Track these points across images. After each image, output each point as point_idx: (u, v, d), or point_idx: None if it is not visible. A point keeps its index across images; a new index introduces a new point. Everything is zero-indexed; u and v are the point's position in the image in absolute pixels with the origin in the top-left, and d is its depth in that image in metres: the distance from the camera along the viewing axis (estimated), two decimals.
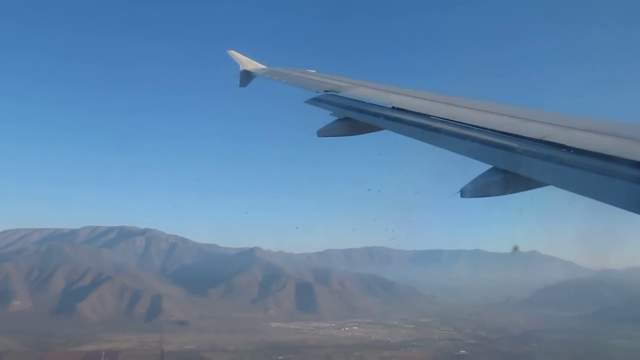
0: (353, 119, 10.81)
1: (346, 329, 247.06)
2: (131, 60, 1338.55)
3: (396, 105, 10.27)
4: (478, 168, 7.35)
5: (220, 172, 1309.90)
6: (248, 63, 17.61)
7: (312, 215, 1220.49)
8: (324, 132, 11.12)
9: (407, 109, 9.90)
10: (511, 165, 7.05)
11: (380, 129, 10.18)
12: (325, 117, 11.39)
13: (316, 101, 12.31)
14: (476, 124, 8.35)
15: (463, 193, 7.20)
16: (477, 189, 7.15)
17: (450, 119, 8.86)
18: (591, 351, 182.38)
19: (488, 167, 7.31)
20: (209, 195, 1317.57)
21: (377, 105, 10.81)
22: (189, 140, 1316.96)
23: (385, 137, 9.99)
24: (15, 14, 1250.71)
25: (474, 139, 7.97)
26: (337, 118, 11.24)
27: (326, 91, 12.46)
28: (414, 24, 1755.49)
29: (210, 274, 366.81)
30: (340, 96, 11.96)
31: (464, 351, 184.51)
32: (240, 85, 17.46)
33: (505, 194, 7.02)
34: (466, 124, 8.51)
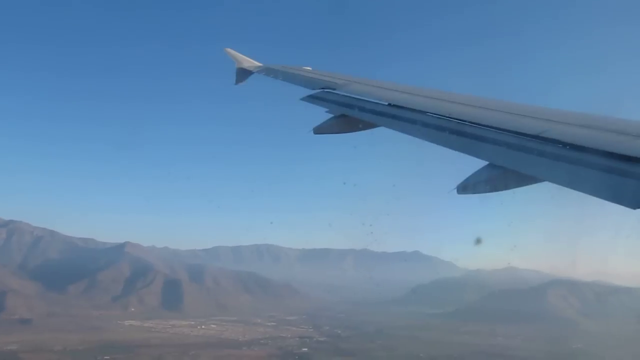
0: (349, 116, 10.66)
1: (203, 327, 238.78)
2: None
3: (392, 102, 10.13)
4: (474, 164, 7.29)
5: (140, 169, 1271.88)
6: (244, 61, 17.17)
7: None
8: (319, 130, 11.01)
9: (404, 105, 9.73)
10: (507, 161, 7.01)
11: (376, 125, 9.99)
12: (322, 114, 11.21)
13: (312, 98, 12.08)
14: (472, 121, 8.19)
15: (459, 190, 7.17)
16: (473, 186, 7.12)
17: (447, 115, 8.72)
18: (427, 347, 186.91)
19: (484, 163, 7.20)
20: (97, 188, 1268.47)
21: (373, 102, 10.60)
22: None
23: (381, 134, 9.87)
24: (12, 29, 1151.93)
25: (470, 136, 7.86)
26: (333, 115, 11.06)
27: (322, 88, 12.25)
28: (410, 19, 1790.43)
29: (74, 269, 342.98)
30: (336, 93, 11.75)
31: (306, 349, 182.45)
32: (237, 83, 16.93)
33: (501, 190, 6.94)
34: (462, 120, 8.31)
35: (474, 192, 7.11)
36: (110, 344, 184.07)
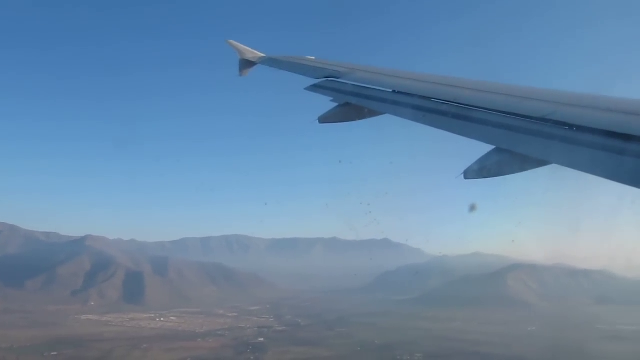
0: (353, 104, 10.63)
1: (162, 319, 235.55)
2: None
3: (397, 89, 10.10)
4: (481, 149, 7.32)
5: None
6: (247, 52, 16.86)
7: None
8: (324, 119, 10.97)
9: (408, 92, 9.73)
10: (514, 144, 7.02)
11: (381, 113, 10.01)
12: (326, 103, 11.16)
13: (316, 88, 12.04)
14: (477, 105, 8.19)
15: (466, 174, 7.14)
16: (480, 170, 7.09)
17: (452, 100, 8.70)
18: (384, 333, 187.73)
19: (490, 147, 7.19)
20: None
21: (377, 89, 10.61)
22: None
23: (387, 122, 9.88)
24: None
25: (475, 120, 7.83)
26: (337, 104, 11.00)
27: (326, 77, 12.19)
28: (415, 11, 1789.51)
29: (32, 264, 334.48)
30: (340, 82, 11.73)
31: (262, 339, 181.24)
32: (240, 75, 16.73)
33: (508, 174, 6.92)
34: (467, 105, 8.31)
35: (481, 176, 6.96)
36: (61, 339, 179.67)
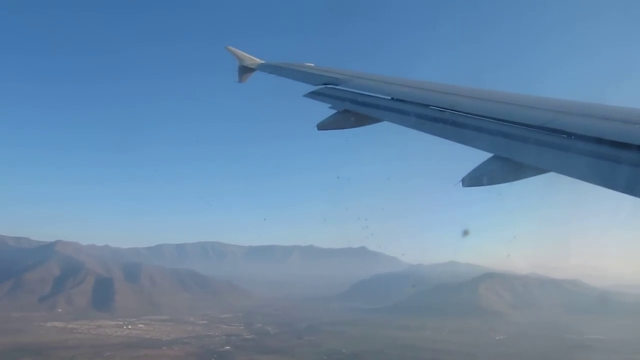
0: (352, 111, 10.70)
1: (130, 327, 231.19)
2: None
3: (395, 96, 10.20)
4: (479, 156, 7.37)
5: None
6: (246, 58, 16.96)
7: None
8: (323, 125, 11.01)
9: (407, 99, 9.81)
10: (512, 153, 7.08)
11: (379, 120, 10.05)
12: (325, 110, 11.23)
13: (315, 94, 12.11)
14: (475, 113, 8.25)
15: (464, 182, 7.16)
16: (478, 178, 7.13)
17: (450, 108, 8.75)
18: (353, 342, 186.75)
19: (489, 155, 7.25)
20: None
21: (376, 96, 10.65)
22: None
23: (385, 129, 9.91)
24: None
25: (473, 128, 7.88)
26: (336, 111, 11.07)
27: (325, 84, 12.25)
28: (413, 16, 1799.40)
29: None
30: (338, 89, 11.78)
31: (228, 347, 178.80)
32: (239, 81, 16.72)
33: (506, 181, 6.95)
34: (466, 112, 8.37)
35: (479, 184, 6.99)
36: (22, 346, 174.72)
